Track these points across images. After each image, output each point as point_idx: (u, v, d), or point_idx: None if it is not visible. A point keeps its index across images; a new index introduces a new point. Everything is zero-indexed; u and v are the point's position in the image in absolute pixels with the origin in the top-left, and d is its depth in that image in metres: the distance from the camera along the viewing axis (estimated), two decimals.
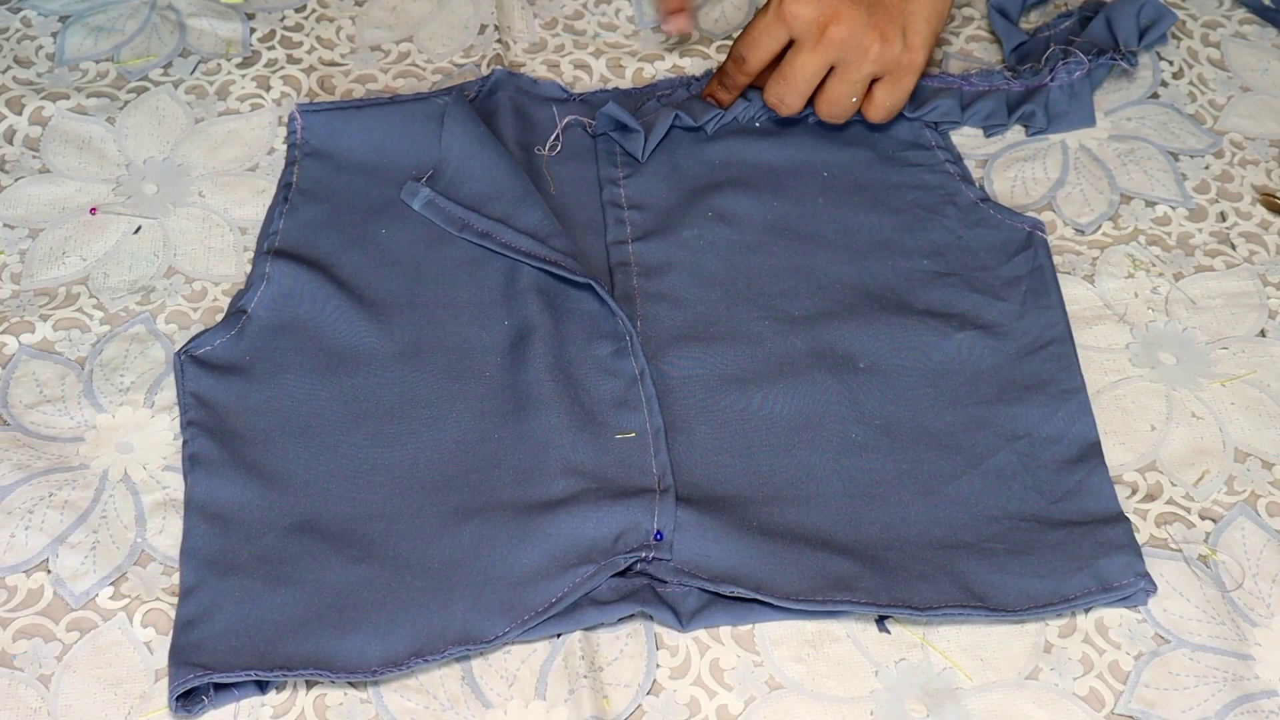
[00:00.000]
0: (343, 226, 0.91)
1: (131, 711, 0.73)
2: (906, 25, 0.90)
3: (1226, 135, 0.99)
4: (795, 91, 0.92)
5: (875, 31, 0.89)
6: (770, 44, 0.91)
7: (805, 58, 0.90)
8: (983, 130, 0.99)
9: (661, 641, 0.75)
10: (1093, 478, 0.80)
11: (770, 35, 0.91)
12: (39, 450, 0.82)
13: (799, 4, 0.89)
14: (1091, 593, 0.75)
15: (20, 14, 1.05)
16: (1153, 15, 1.00)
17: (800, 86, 0.91)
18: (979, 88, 0.99)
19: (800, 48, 0.90)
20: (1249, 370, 0.87)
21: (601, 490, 0.78)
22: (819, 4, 0.88)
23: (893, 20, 0.90)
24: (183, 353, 0.84)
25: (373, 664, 0.72)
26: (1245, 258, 0.93)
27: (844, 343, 0.85)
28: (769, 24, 0.90)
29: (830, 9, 0.88)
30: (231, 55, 1.03)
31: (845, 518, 0.79)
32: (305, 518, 0.78)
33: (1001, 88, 0.99)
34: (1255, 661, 0.75)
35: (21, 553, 0.78)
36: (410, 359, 0.85)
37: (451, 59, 1.04)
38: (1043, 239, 0.91)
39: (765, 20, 0.90)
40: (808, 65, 0.90)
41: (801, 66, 0.90)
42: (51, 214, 0.94)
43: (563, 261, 0.86)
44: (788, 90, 0.92)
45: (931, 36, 0.92)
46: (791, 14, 0.89)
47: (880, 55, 0.90)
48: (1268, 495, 0.81)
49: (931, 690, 0.74)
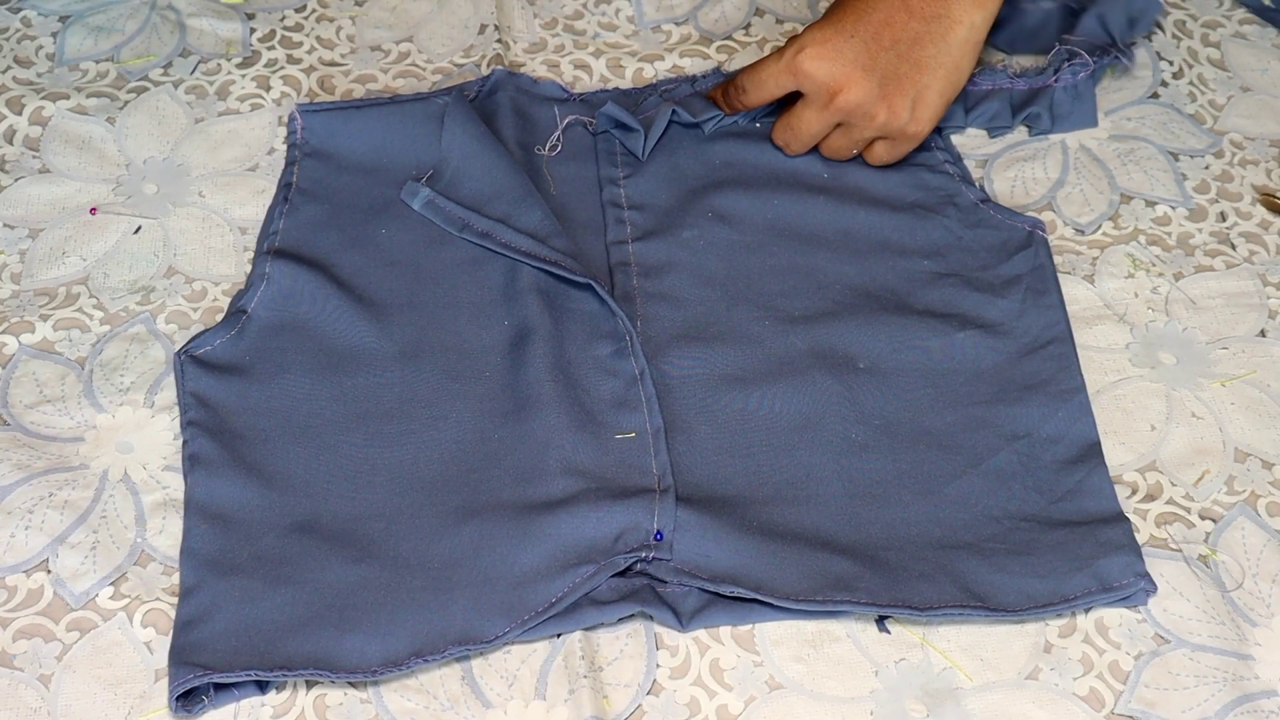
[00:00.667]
0: (343, 226, 0.91)
1: (131, 711, 0.73)
2: (918, 97, 0.89)
3: (1226, 135, 0.99)
4: (799, 141, 0.93)
5: (884, 103, 0.89)
6: (775, 90, 0.91)
7: (812, 115, 0.91)
8: (986, 131, 0.99)
9: (661, 641, 0.75)
10: (1093, 478, 0.80)
11: (777, 83, 0.91)
12: (39, 450, 0.82)
13: (813, 63, 0.88)
14: (1091, 593, 0.75)
15: (20, 14, 1.05)
16: (1140, 7, 1.00)
17: (804, 139, 0.93)
18: (982, 88, 0.99)
19: (807, 104, 0.91)
20: (1249, 370, 0.87)
21: (601, 490, 0.78)
22: (832, 68, 0.88)
23: (904, 93, 0.89)
24: (183, 353, 0.84)
25: (373, 664, 0.72)
26: (1245, 258, 0.93)
27: (844, 343, 0.85)
28: (778, 72, 0.90)
29: (843, 76, 0.88)
30: (231, 55, 1.03)
31: (845, 518, 0.79)
32: (305, 518, 0.78)
33: (1005, 87, 0.99)
34: (1255, 661, 0.75)
35: (21, 553, 0.78)
36: (410, 359, 0.85)
37: (451, 59, 1.04)
38: (1043, 239, 0.91)
39: (776, 67, 0.90)
40: (813, 123, 0.91)
41: (808, 123, 0.91)
42: (51, 214, 0.94)
43: (563, 261, 0.86)
44: (792, 139, 0.93)
45: (942, 108, 0.91)
46: (803, 72, 0.89)
47: (886, 124, 0.90)
48: (1268, 495, 0.81)
49: (931, 690, 0.74)
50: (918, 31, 0.88)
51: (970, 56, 0.90)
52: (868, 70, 0.88)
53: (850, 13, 0.89)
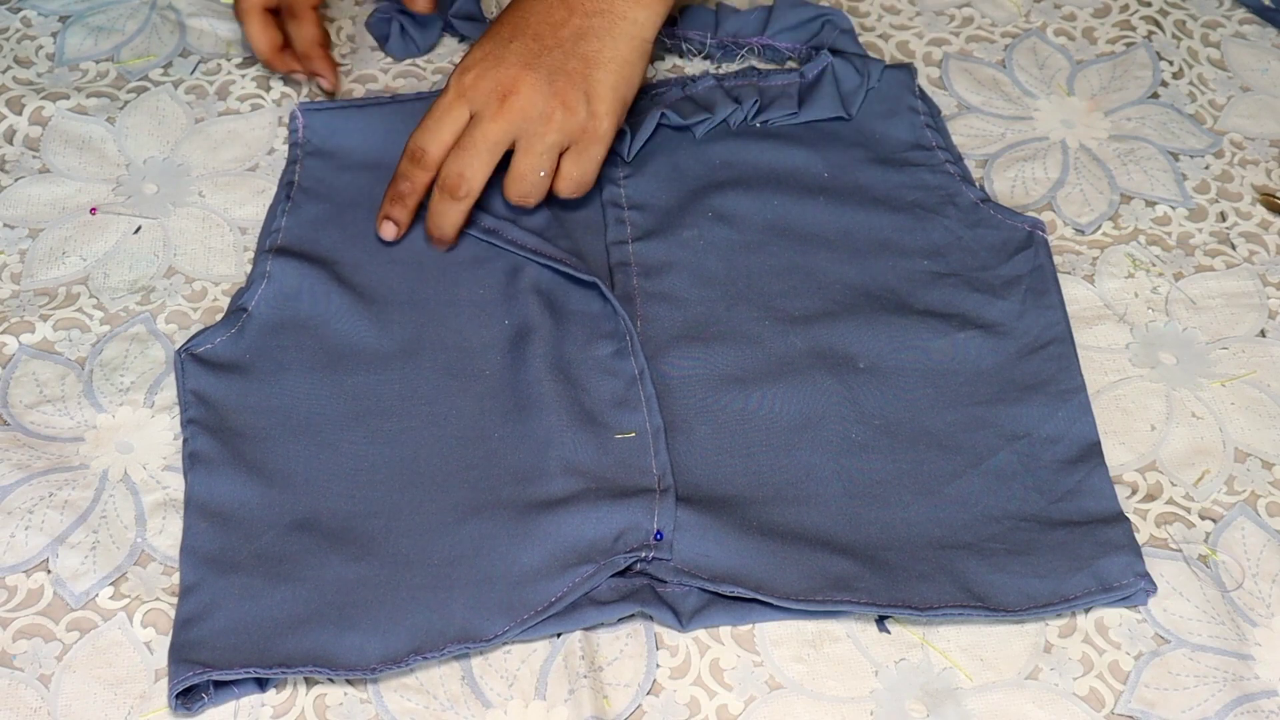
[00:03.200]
0: (344, 225, 0.91)
1: (131, 711, 0.73)
2: (590, 92, 0.86)
3: (1226, 135, 0.99)
4: (479, 159, 0.85)
5: (558, 100, 0.85)
6: (452, 126, 0.86)
7: (487, 125, 0.85)
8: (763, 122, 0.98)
9: (661, 641, 0.75)
10: (1093, 478, 0.80)
11: (453, 118, 0.86)
12: (39, 450, 0.82)
13: (476, 76, 0.85)
14: (1091, 593, 0.75)
15: (20, 14, 1.05)
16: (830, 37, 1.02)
17: (483, 155, 0.85)
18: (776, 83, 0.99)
19: (480, 118, 0.85)
20: (1249, 370, 0.87)
21: (601, 490, 0.78)
22: (497, 73, 0.85)
23: (575, 86, 0.85)
24: (183, 351, 0.84)
25: (372, 661, 0.72)
26: (1245, 258, 0.93)
27: (844, 343, 0.85)
28: (449, 104, 0.86)
29: (509, 78, 0.84)
30: (231, 55, 1.03)
31: (845, 518, 0.79)
32: (305, 515, 0.78)
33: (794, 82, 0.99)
34: (1255, 661, 0.75)
35: (21, 553, 0.78)
36: (410, 357, 0.85)
37: (451, 59, 1.04)
38: (1043, 239, 0.91)
39: (445, 101, 0.86)
40: (489, 132, 0.85)
41: (483, 134, 0.85)
42: (51, 214, 0.94)
43: (568, 260, 0.86)
44: (469, 160, 0.85)
45: (619, 104, 0.87)
46: (468, 86, 0.85)
47: (564, 124, 0.85)
48: (1268, 495, 0.81)
49: (931, 690, 0.74)
50: (581, 27, 0.86)
51: (639, 54, 0.88)
52: (534, 68, 0.85)
53: (507, 23, 0.87)
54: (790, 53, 1.02)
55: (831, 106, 0.97)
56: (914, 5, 1.08)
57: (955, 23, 1.07)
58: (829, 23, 1.01)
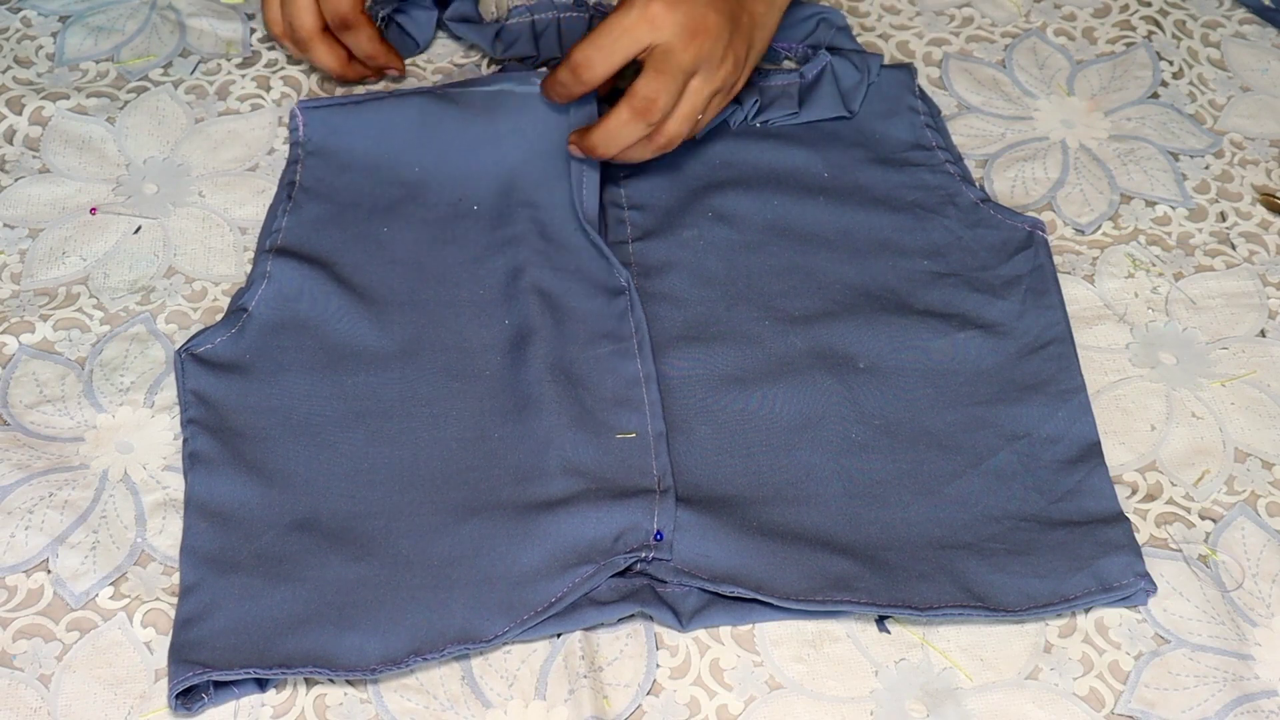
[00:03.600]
0: (345, 225, 0.91)
1: (131, 711, 0.73)
2: (750, 52, 0.87)
3: (1226, 135, 1.00)
4: (674, 86, 0.83)
5: (731, 50, 0.85)
6: (629, 49, 0.83)
7: (680, 56, 0.83)
8: (762, 122, 0.98)
9: (661, 641, 0.75)
10: (1093, 478, 0.80)
11: (632, 39, 0.83)
12: (39, 450, 0.82)
13: (666, 6, 0.82)
14: (1091, 593, 0.75)
15: (20, 14, 1.05)
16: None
17: (679, 83, 0.84)
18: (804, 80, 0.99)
19: (671, 49, 0.82)
20: (1249, 370, 0.87)
21: (601, 490, 0.78)
22: (689, 8, 0.82)
23: (744, 42, 0.86)
24: (183, 350, 0.84)
25: (372, 662, 0.72)
26: (1245, 258, 0.93)
27: (844, 343, 0.85)
28: (631, 26, 0.82)
29: (700, 15, 0.83)
30: (231, 55, 1.03)
31: (845, 518, 0.79)
32: (305, 515, 0.78)
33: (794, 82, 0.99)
34: (1255, 661, 0.75)
35: (21, 553, 0.78)
36: (411, 357, 0.85)
37: (452, 59, 1.04)
38: (1043, 239, 0.91)
39: (626, 21, 0.82)
40: (684, 63, 0.83)
41: (679, 64, 0.83)
42: (51, 214, 0.94)
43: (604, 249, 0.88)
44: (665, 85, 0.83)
45: (753, 71, 0.89)
46: (657, 15, 0.82)
47: (727, 75, 0.86)
48: (1268, 495, 0.81)
49: (931, 690, 0.74)
50: None
51: (776, 27, 0.90)
52: (720, 12, 0.84)
53: None
54: (787, 53, 1.02)
55: (832, 106, 0.97)
56: (914, 5, 1.08)
57: (955, 23, 1.07)
58: (824, 21, 1.02)
